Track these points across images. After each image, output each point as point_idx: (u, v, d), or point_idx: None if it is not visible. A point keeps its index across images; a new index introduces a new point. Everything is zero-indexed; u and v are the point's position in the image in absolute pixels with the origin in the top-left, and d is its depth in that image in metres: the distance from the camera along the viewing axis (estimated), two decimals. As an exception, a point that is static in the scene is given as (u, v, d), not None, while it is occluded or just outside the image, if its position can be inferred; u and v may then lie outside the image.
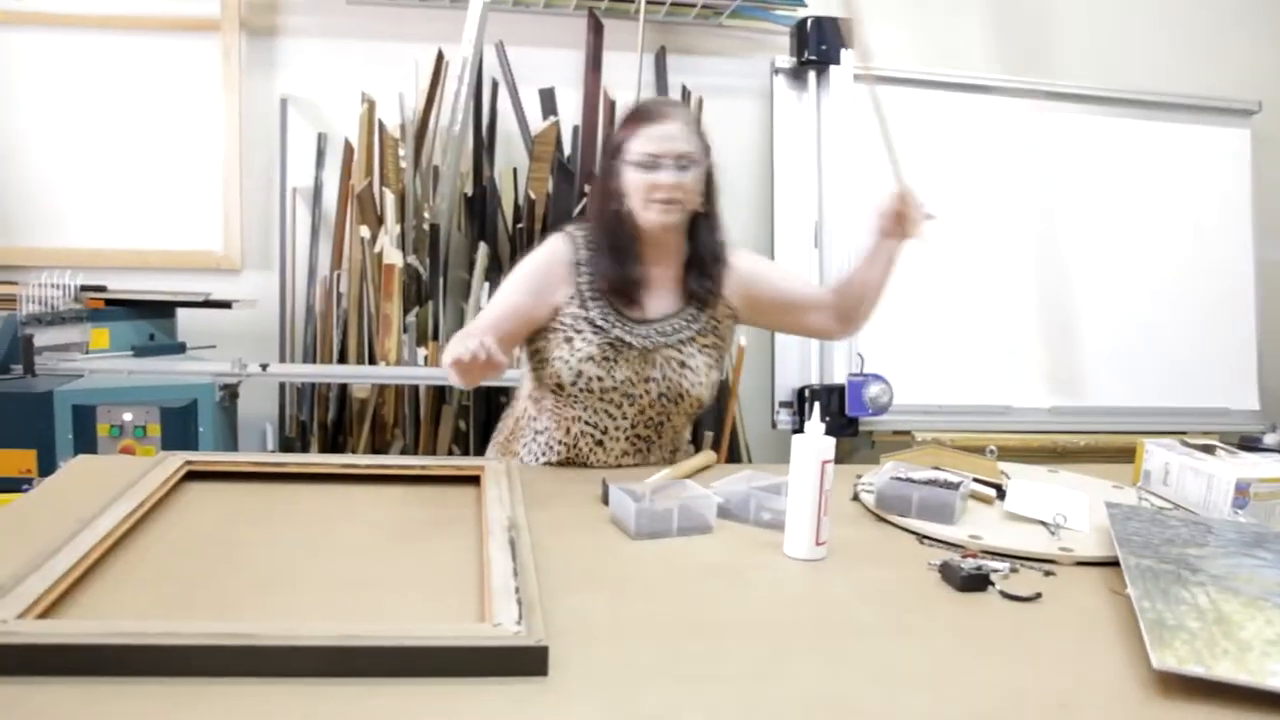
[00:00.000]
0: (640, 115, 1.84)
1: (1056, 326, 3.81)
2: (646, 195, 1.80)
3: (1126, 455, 1.99)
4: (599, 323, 1.85)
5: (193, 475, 1.63)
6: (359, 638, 0.99)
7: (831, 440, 1.41)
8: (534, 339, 1.91)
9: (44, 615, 1.02)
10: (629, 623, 1.16)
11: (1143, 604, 1.17)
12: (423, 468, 1.72)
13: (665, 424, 1.92)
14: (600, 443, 1.89)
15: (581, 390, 1.84)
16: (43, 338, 2.99)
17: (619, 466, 1.91)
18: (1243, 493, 1.64)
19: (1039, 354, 3.76)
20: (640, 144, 1.80)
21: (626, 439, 1.90)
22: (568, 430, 1.90)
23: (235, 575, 1.26)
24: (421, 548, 1.39)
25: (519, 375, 2.06)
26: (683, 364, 1.88)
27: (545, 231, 3.55)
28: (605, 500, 1.62)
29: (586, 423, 1.88)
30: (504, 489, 1.57)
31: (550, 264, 1.89)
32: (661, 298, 1.90)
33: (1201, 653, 1.06)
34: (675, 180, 1.79)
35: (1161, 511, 1.61)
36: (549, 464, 1.94)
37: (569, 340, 1.84)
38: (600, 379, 1.83)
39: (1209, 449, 1.86)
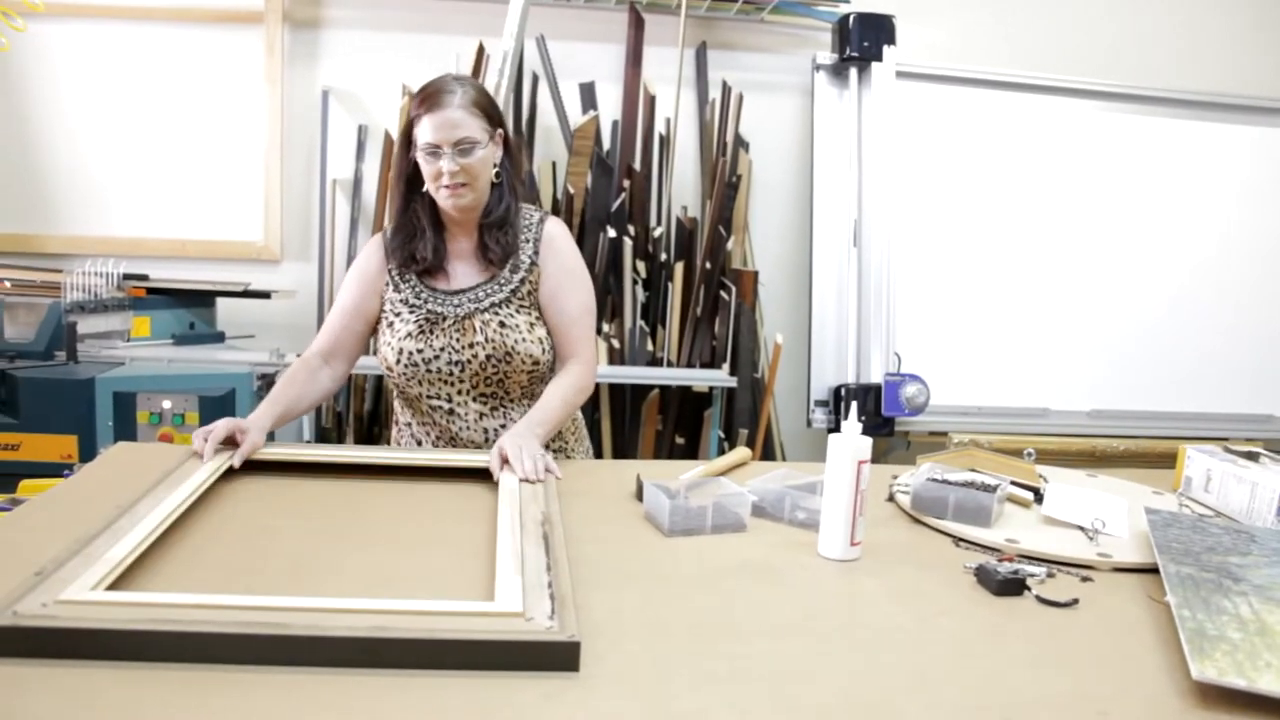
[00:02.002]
0: (422, 101, 1.85)
1: (1096, 328, 3.77)
2: (435, 182, 1.85)
3: (1167, 461, 1.96)
4: (412, 301, 1.91)
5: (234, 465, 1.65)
6: (391, 629, 0.99)
7: (868, 440, 1.40)
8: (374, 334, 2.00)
9: (82, 600, 1.03)
10: (661, 619, 1.16)
11: (1182, 612, 1.15)
12: (456, 461, 1.73)
13: (507, 381, 1.93)
14: (452, 411, 1.93)
15: (407, 366, 1.89)
16: (85, 325, 3.03)
17: (485, 432, 1.93)
18: (1288, 501, 1.61)
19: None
20: (423, 133, 1.83)
21: (475, 400, 1.93)
22: (421, 410, 1.95)
23: (270, 565, 1.26)
24: (454, 540, 1.39)
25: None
26: (502, 324, 1.90)
27: (584, 226, 3.55)
28: (639, 496, 1.61)
29: (430, 397, 1.92)
30: (537, 483, 1.57)
31: (367, 259, 1.98)
32: (470, 267, 1.95)
33: (1243, 664, 1.04)
34: (457, 166, 1.82)
35: (1203, 519, 1.58)
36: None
37: (390, 324, 1.92)
38: (420, 351, 1.88)
39: (1252, 456, 1.83)
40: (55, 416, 2.79)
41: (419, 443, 2.00)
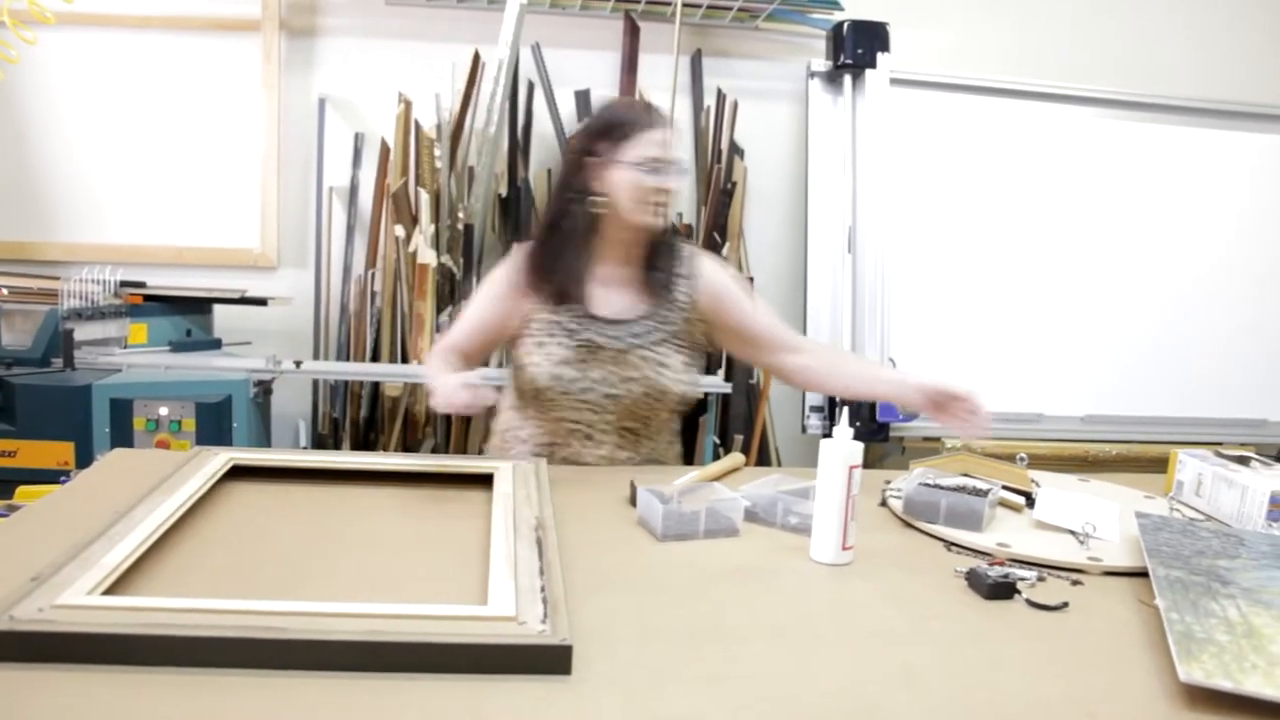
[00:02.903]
0: (636, 120, 1.84)
1: (1090, 334, 3.78)
2: (645, 198, 1.81)
3: (1159, 465, 1.97)
4: (570, 325, 1.87)
5: (231, 471, 1.65)
6: (385, 633, 1.00)
7: (859, 445, 1.41)
8: (511, 346, 1.96)
9: (78, 605, 1.04)
10: (653, 623, 1.17)
11: (1170, 615, 1.16)
12: (451, 467, 1.74)
13: (652, 419, 1.94)
14: (589, 438, 1.92)
15: (559, 394, 1.86)
16: (83, 332, 3.04)
17: (612, 461, 1.94)
18: (1277, 505, 1.62)
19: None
20: (643, 148, 1.81)
21: (615, 433, 1.92)
22: (554, 431, 1.93)
23: (266, 569, 1.27)
24: (448, 545, 1.40)
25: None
26: (661, 363, 1.89)
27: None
28: (633, 502, 1.62)
29: (573, 422, 1.90)
30: (531, 488, 1.58)
31: (516, 273, 1.93)
32: (628, 298, 1.92)
33: (1229, 666, 1.05)
34: (675, 185, 1.83)
35: (1193, 523, 1.59)
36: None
37: (541, 345, 1.87)
38: (576, 380, 1.85)
39: (1243, 460, 1.84)
40: (52, 423, 2.80)
41: (534, 455, 1.95)
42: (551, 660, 1.01)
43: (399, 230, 3.47)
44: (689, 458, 3.59)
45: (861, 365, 1.92)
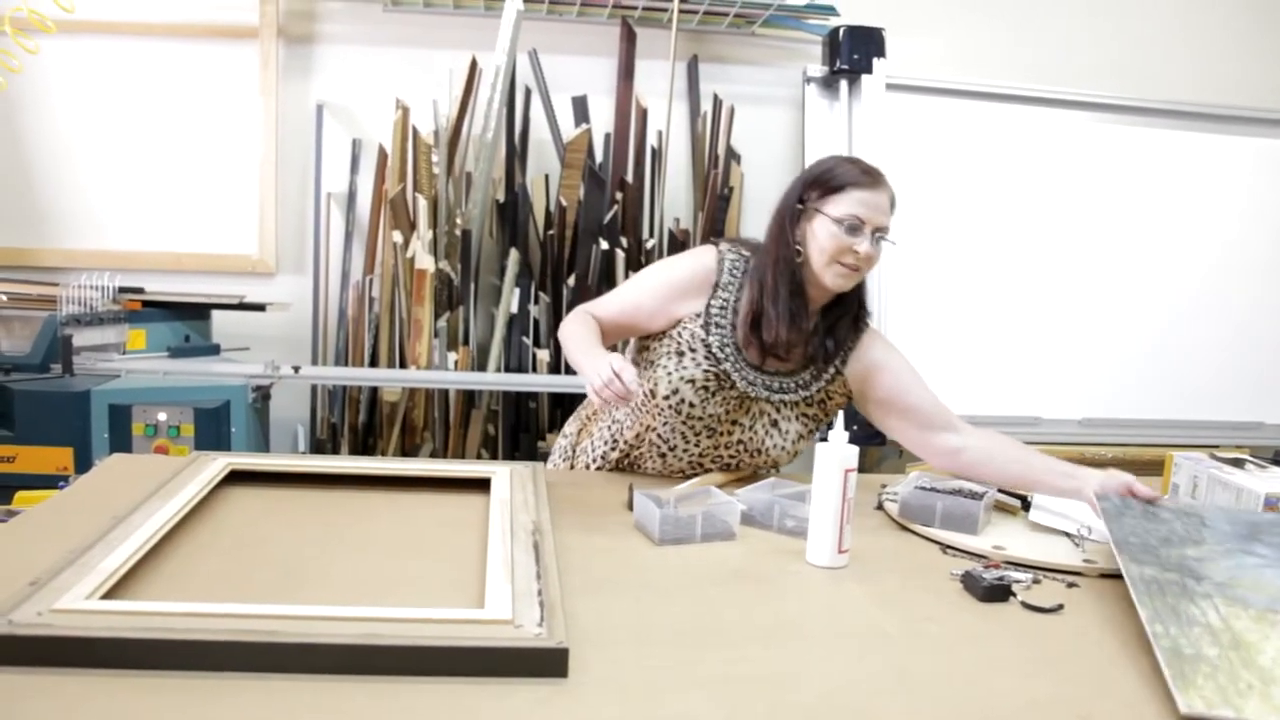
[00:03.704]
0: (859, 180, 1.76)
1: (1088, 337, 3.79)
2: (836, 256, 1.73)
3: (1155, 468, 1.98)
4: (715, 350, 1.81)
5: (229, 476, 1.66)
6: (381, 637, 1.00)
7: (854, 449, 1.42)
8: (647, 337, 1.89)
9: (77, 609, 1.04)
10: (650, 627, 1.17)
11: (1155, 628, 1.16)
12: (449, 471, 1.74)
13: (735, 464, 1.88)
14: (664, 455, 1.88)
15: (670, 407, 1.81)
16: (81, 338, 3.04)
17: (669, 478, 1.89)
18: (1272, 507, 1.63)
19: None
20: (849, 205, 1.73)
21: (689, 462, 1.88)
22: (638, 434, 1.89)
23: (262, 573, 1.28)
24: (446, 549, 1.40)
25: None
26: (774, 423, 1.84)
27: (576, 238, 3.57)
28: (630, 506, 1.63)
29: (659, 435, 1.86)
30: (529, 492, 1.58)
31: (691, 278, 1.85)
32: (788, 352, 1.84)
33: (1226, 689, 1.04)
34: (871, 252, 1.74)
35: (1153, 505, 1.59)
36: (607, 455, 1.94)
37: (680, 354, 1.81)
38: (692, 405, 1.80)
39: (1238, 462, 1.84)
40: (51, 429, 2.80)
41: (608, 449, 1.94)
42: (548, 663, 1.02)
43: (397, 236, 3.47)
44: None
45: (1023, 453, 1.79)
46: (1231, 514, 1.55)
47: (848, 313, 1.86)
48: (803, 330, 1.80)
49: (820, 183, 1.78)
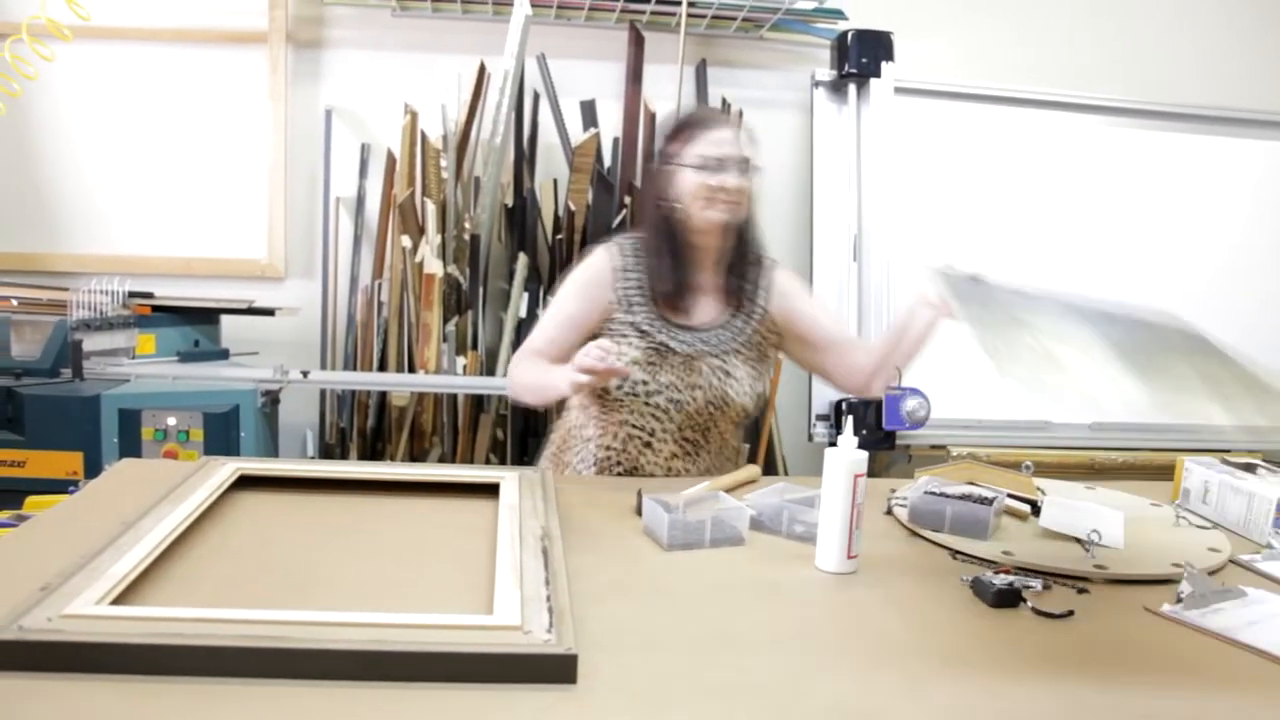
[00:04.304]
0: (696, 122, 1.89)
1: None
2: (703, 195, 1.84)
3: (1166, 473, 1.97)
4: (644, 328, 1.88)
5: (238, 481, 1.66)
6: (390, 643, 1.00)
7: (864, 454, 1.41)
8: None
9: (86, 615, 1.04)
10: (659, 633, 1.17)
11: (981, 333, 1.30)
12: (458, 477, 1.74)
13: (712, 429, 1.94)
14: (649, 445, 1.92)
15: (626, 395, 1.87)
16: (91, 342, 3.05)
17: (669, 471, 1.94)
18: (1285, 514, 1.62)
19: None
20: (702, 148, 1.85)
21: (675, 442, 1.93)
22: (615, 435, 1.93)
23: (272, 579, 1.28)
24: (454, 554, 1.40)
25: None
26: (727, 373, 1.90)
27: (585, 243, 3.57)
28: (639, 511, 1.62)
29: (634, 426, 1.91)
30: (538, 498, 1.58)
31: (595, 273, 1.94)
32: (707, 306, 1.94)
33: (1037, 369, 1.21)
34: (738, 183, 1.85)
35: (978, 279, 1.72)
36: (601, 472, 1.96)
37: (615, 345, 1.85)
38: (645, 383, 1.86)
39: (1250, 467, 1.83)
40: (61, 433, 2.81)
41: (601, 465, 1.96)
42: (557, 669, 1.02)
43: (405, 240, 3.48)
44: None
45: (891, 338, 1.94)
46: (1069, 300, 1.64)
47: (746, 252, 1.97)
48: (705, 275, 1.91)
49: (674, 136, 1.89)
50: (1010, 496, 1.73)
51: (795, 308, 2.01)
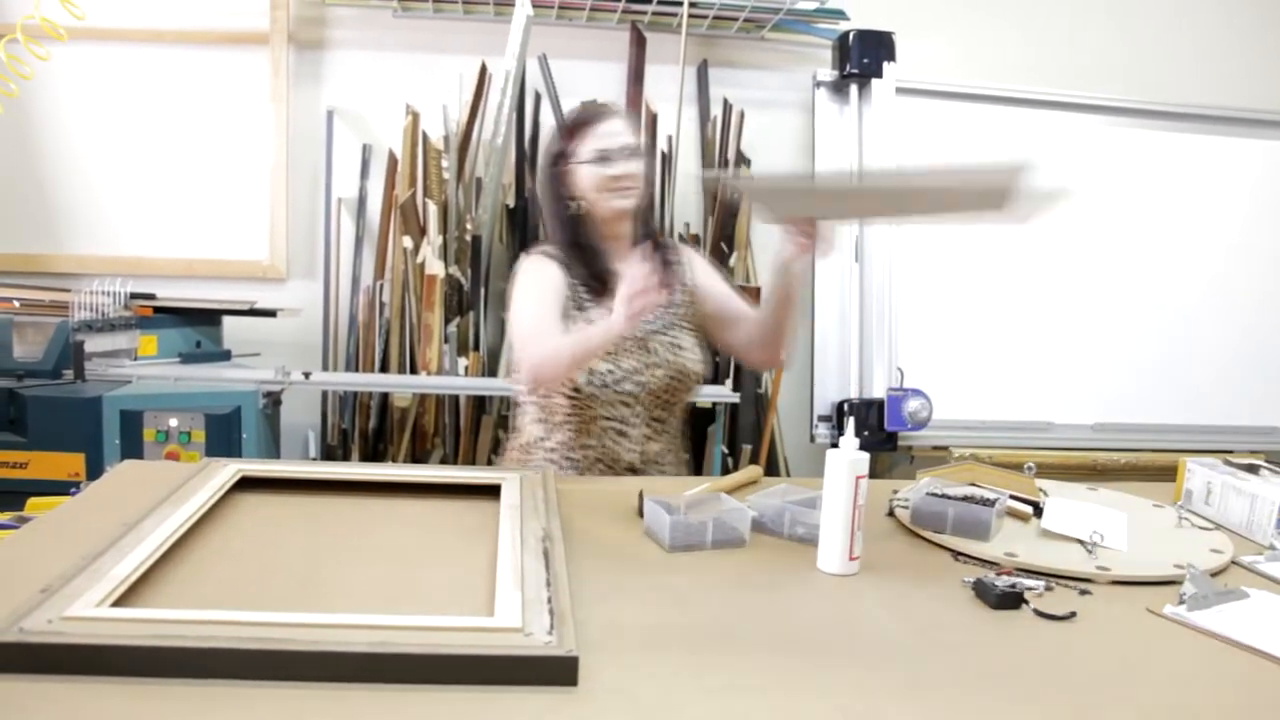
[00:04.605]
0: (587, 118, 1.96)
1: (1100, 342, 3.77)
2: (605, 186, 1.91)
3: (1169, 474, 1.96)
4: (594, 319, 1.91)
5: (240, 482, 1.66)
6: (391, 645, 1.00)
7: (865, 455, 1.41)
8: None
9: (87, 616, 1.04)
10: (660, 634, 1.17)
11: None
12: (460, 478, 1.74)
13: (674, 404, 2.00)
14: (623, 433, 1.96)
15: (598, 388, 1.90)
16: (93, 344, 3.05)
17: (643, 455, 1.98)
18: (1287, 515, 1.62)
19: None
20: (595, 142, 1.92)
21: (645, 424, 1.97)
22: (590, 431, 1.95)
23: (273, 581, 1.27)
24: (456, 556, 1.40)
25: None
26: (678, 346, 1.97)
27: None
28: (641, 513, 1.62)
29: (606, 418, 1.94)
30: (539, 499, 1.58)
31: (550, 274, 1.96)
32: None
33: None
34: (633, 169, 1.91)
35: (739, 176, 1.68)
36: (580, 474, 1.97)
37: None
38: (610, 372, 1.91)
39: (1252, 468, 1.83)
40: (63, 435, 2.81)
41: (569, 465, 1.97)
42: (557, 671, 1.01)
43: (407, 241, 3.48)
44: (697, 468, 3.60)
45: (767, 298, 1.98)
46: None
47: (653, 233, 2.07)
48: (621, 259, 1.95)
49: (566, 137, 1.96)
50: (1012, 498, 1.72)
51: (708, 283, 2.09)
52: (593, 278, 1.95)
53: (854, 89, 3.72)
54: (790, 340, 1.98)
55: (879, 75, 3.66)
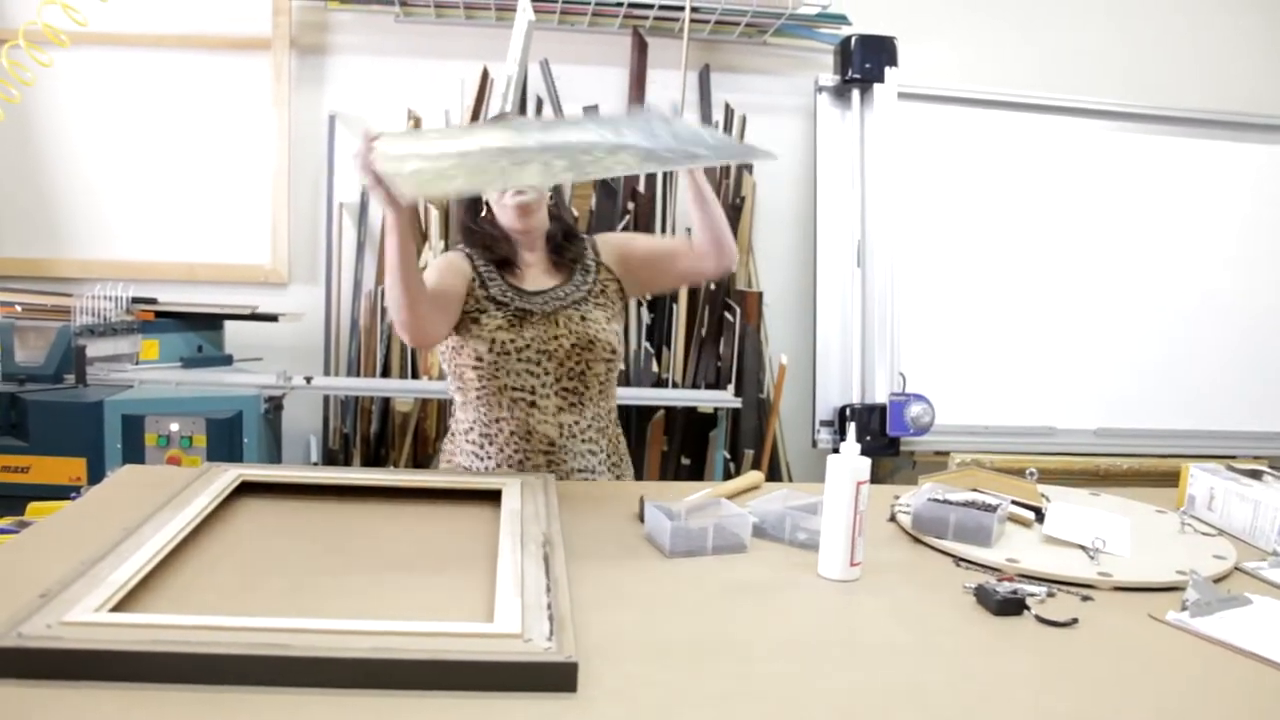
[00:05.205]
0: None
1: (1103, 347, 3.77)
2: (499, 200, 2.00)
3: (1172, 480, 1.96)
4: (500, 299, 1.98)
5: (240, 487, 1.66)
6: (390, 651, 1.00)
7: (867, 461, 1.41)
8: (454, 342, 2.03)
9: (86, 622, 1.04)
10: (660, 640, 1.17)
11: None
12: (460, 483, 1.74)
13: (587, 374, 2.01)
14: (533, 404, 1.97)
15: (499, 355, 1.94)
16: (95, 348, 3.06)
17: (560, 428, 1.98)
18: (1289, 520, 1.62)
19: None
20: None
21: (556, 395, 1.99)
22: (500, 404, 1.98)
23: (272, 586, 1.27)
24: (456, 561, 1.40)
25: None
26: (584, 318, 2.01)
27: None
28: (641, 518, 1.62)
29: (514, 388, 1.97)
30: (539, 504, 1.58)
31: (452, 257, 2.05)
32: (546, 277, 2.07)
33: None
34: (518, 186, 1.94)
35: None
36: (501, 451, 1.99)
37: (477, 320, 1.96)
38: (512, 340, 1.95)
39: (1256, 474, 1.83)
40: (64, 439, 2.81)
41: (486, 443, 2.01)
42: (557, 677, 1.01)
43: (409, 246, 3.47)
44: (698, 473, 3.60)
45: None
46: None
47: (563, 227, 2.11)
48: (535, 255, 2.07)
49: None
50: (1014, 503, 1.72)
51: (622, 242, 2.20)
52: (494, 264, 2.03)
53: (856, 94, 3.72)
54: (725, 234, 2.02)
55: (881, 80, 3.65)
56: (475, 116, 3.56)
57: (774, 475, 3.64)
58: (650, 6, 3.61)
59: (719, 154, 1.68)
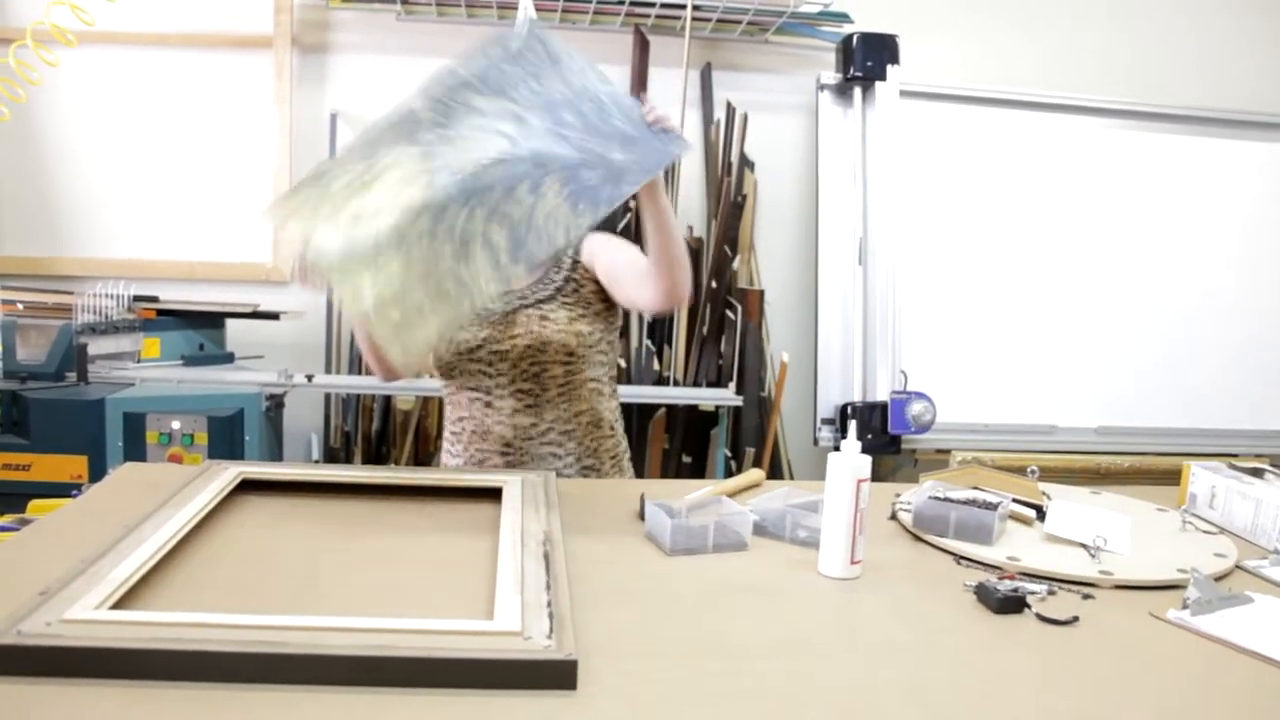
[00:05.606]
0: None
1: (1104, 345, 3.76)
2: None
3: (1173, 478, 1.96)
4: None
5: (241, 485, 1.66)
6: (389, 648, 1.00)
7: (867, 459, 1.40)
8: None
9: (86, 619, 1.04)
10: (660, 638, 1.17)
11: (339, 153, 1.29)
12: (461, 481, 1.74)
13: (544, 376, 1.97)
14: (489, 404, 1.97)
15: (456, 355, 1.95)
16: (96, 346, 3.06)
17: (515, 429, 1.97)
18: (1289, 517, 1.61)
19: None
20: None
21: (511, 395, 1.97)
22: (460, 404, 2.01)
23: (272, 584, 1.27)
24: (456, 559, 1.40)
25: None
26: (544, 318, 1.98)
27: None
28: (642, 516, 1.62)
29: (471, 389, 1.98)
30: (540, 502, 1.58)
31: None
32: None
33: (313, 211, 1.24)
34: None
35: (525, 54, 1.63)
36: (466, 449, 2.02)
37: None
38: (467, 340, 1.94)
39: (1257, 472, 1.82)
40: (66, 437, 2.82)
41: (454, 441, 2.05)
42: (557, 675, 1.01)
43: (410, 244, 3.48)
44: (700, 471, 3.60)
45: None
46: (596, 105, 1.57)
47: None
48: None
49: None
50: (1015, 501, 1.72)
51: (596, 248, 2.05)
52: None
53: (858, 92, 3.72)
54: (675, 263, 1.84)
55: (883, 78, 3.65)
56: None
57: (775, 473, 3.64)
58: (652, 5, 3.61)
59: (637, 146, 1.66)
